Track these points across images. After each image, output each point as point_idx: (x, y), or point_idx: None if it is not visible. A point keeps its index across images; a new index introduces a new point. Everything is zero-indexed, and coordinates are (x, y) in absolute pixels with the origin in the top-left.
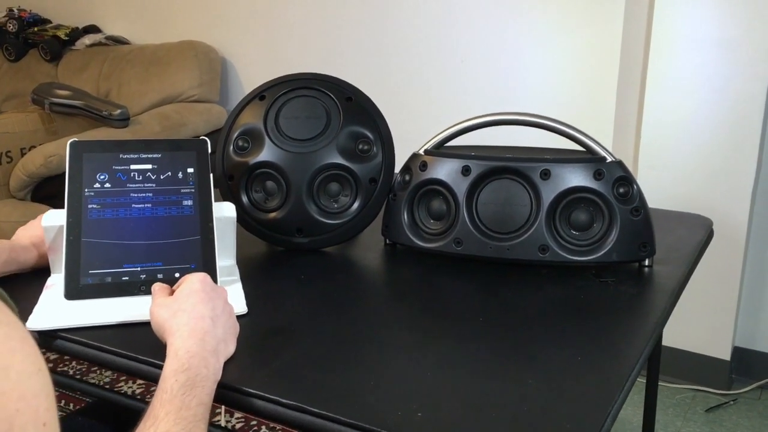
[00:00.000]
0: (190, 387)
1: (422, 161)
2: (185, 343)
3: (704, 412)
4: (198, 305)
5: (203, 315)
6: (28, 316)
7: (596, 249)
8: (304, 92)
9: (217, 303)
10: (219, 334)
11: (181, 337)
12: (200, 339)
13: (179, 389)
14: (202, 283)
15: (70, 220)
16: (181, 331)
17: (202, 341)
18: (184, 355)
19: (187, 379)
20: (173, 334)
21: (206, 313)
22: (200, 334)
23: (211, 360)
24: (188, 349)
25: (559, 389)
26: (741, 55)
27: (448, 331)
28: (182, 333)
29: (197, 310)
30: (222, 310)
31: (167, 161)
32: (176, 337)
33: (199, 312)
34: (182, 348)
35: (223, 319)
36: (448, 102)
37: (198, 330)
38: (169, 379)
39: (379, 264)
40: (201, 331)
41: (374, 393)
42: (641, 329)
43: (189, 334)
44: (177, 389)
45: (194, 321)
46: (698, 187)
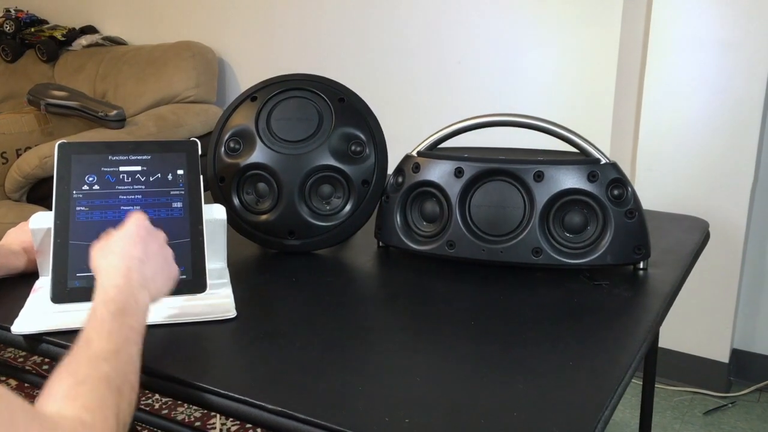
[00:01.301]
0: (121, 314)
1: (415, 163)
2: (112, 280)
3: (702, 414)
4: (127, 247)
5: (132, 255)
6: (15, 320)
7: (590, 252)
8: (296, 93)
9: (150, 245)
10: (147, 273)
11: (108, 275)
12: (126, 276)
13: (109, 316)
14: (136, 226)
15: (57, 222)
16: (108, 270)
17: (128, 278)
18: (112, 289)
19: (117, 309)
20: (101, 273)
21: (135, 254)
22: (126, 271)
23: (140, 295)
24: (115, 284)
25: (550, 394)
26: (739, 56)
27: (439, 334)
28: (109, 272)
29: (126, 251)
30: (155, 252)
31: (157, 163)
32: (103, 276)
33: (127, 253)
34: (109, 284)
35: (155, 260)
36: (445, 103)
37: (123, 268)
38: (99, 309)
39: (371, 267)
40: (127, 269)
41: (362, 398)
42: (635, 333)
43: (115, 272)
44: (107, 317)
45: (121, 260)
46: (696, 189)
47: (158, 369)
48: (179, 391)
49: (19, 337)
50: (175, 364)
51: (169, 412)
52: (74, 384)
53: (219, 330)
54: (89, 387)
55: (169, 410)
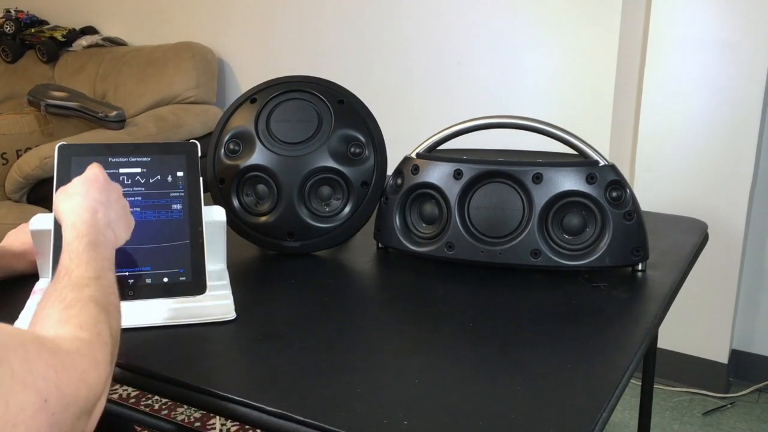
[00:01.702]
0: (95, 246)
1: (414, 165)
2: (80, 217)
3: (701, 415)
4: (90, 190)
5: (95, 198)
6: (14, 322)
7: (589, 253)
8: (295, 95)
9: (110, 193)
10: (111, 215)
11: (76, 213)
12: (93, 215)
13: (84, 248)
14: (95, 173)
15: (57, 224)
16: (75, 209)
17: (95, 217)
18: (82, 225)
19: (90, 241)
20: (68, 213)
21: (98, 197)
22: (92, 212)
23: (107, 232)
24: (84, 221)
25: (548, 396)
26: (738, 56)
27: (438, 336)
28: (77, 210)
29: (89, 194)
30: (115, 200)
31: (157, 165)
32: (71, 215)
33: (91, 195)
34: (78, 221)
35: (115, 206)
36: (445, 104)
37: (90, 209)
38: (73, 243)
39: (370, 268)
40: (93, 210)
41: (361, 400)
42: (633, 335)
43: (82, 211)
44: (83, 249)
45: (87, 201)
46: (695, 190)
47: (158, 371)
48: (178, 392)
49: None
50: (174, 366)
51: (168, 412)
52: (64, 308)
53: (218, 332)
54: (79, 308)
55: (169, 411)
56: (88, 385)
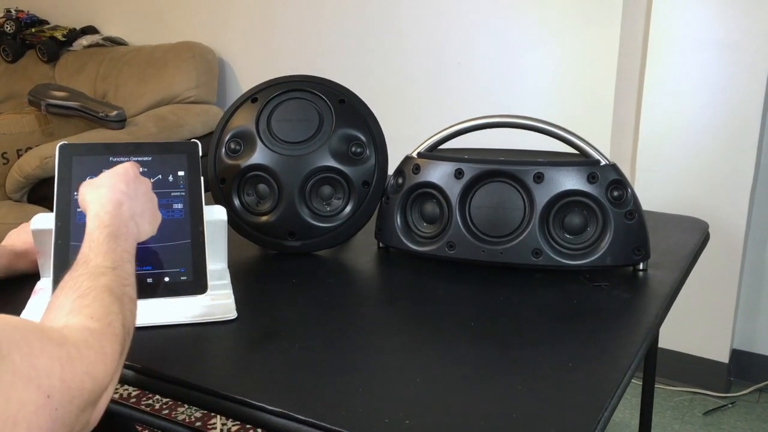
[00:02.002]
0: (115, 238)
1: (415, 164)
2: (104, 208)
3: (702, 415)
4: (118, 183)
5: (121, 190)
6: None
7: (590, 253)
8: (296, 95)
9: (138, 186)
10: (136, 208)
11: (101, 204)
12: (117, 207)
13: (105, 239)
14: (125, 168)
15: (58, 224)
16: (100, 200)
17: (119, 209)
18: (105, 215)
19: (110, 233)
20: (93, 203)
21: (124, 190)
22: (117, 204)
23: (130, 224)
24: (107, 211)
25: (549, 396)
26: (739, 56)
27: (439, 336)
28: (102, 201)
29: (116, 186)
30: (143, 193)
31: (157, 164)
32: (95, 205)
33: (118, 188)
34: (102, 211)
35: (142, 200)
36: (445, 104)
37: (115, 201)
38: (94, 233)
39: (371, 267)
40: (118, 202)
41: (362, 399)
42: (634, 335)
43: (107, 202)
44: (103, 239)
45: (112, 193)
46: (696, 189)
47: (159, 370)
48: (180, 392)
49: None
50: (175, 366)
51: (169, 412)
52: (78, 297)
53: (219, 331)
54: (92, 297)
55: (170, 410)
56: (94, 377)
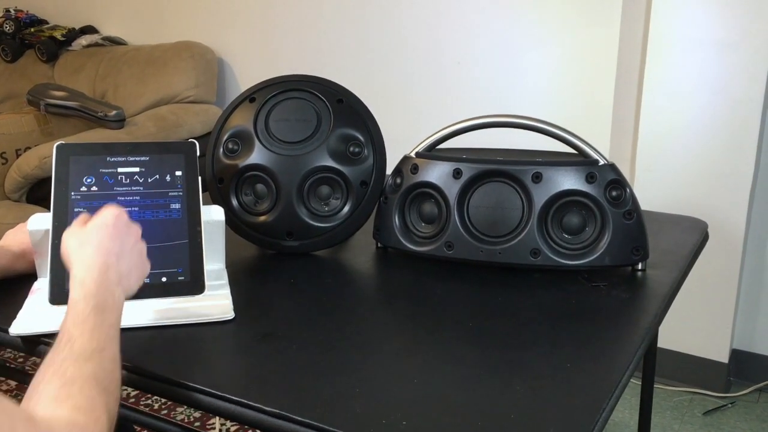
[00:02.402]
0: (101, 311)
1: (413, 164)
2: (90, 273)
3: (702, 415)
4: (105, 240)
5: (109, 250)
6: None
7: (588, 253)
8: (294, 94)
9: (125, 240)
10: (123, 269)
11: (86, 268)
12: (103, 272)
13: (90, 312)
14: (115, 218)
15: (56, 223)
16: (86, 263)
17: (105, 274)
18: (91, 284)
19: (97, 304)
20: (77, 264)
21: (112, 248)
22: (104, 267)
23: (116, 291)
24: (93, 279)
25: (547, 397)
26: (739, 56)
27: (437, 336)
28: (87, 264)
29: (103, 244)
30: (131, 248)
31: (155, 164)
32: (80, 268)
33: (105, 247)
34: (87, 278)
35: (130, 256)
36: (444, 104)
37: (101, 264)
38: (79, 304)
39: (369, 268)
40: (104, 265)
41: (359, 400)
42: (632, 335)
43: (92, 265)
44: (88, 312)
45: (98, 255)
46: (696, 189)
47: (156, 371)
48: (177, 393)
49: (16, 338)
50: (172, 366)
51: (168, 412)
52: (62, 385)
53: (217, 331)
54: (78, 387)
55: (169, 410)
56: None
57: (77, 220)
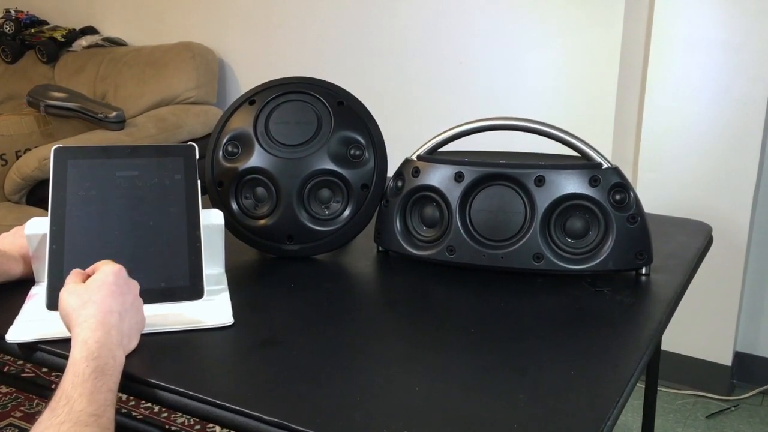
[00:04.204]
0: (101, 373)
1: (415, 167)
2: (93, 334)
3: (705, 418)
4: (107, 298)
5: (111, 309)
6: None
7: (592, 257)
8: (294, 96)
9: (126, 298)
10: (125, 329)
11: (90, 327)
12: (107, 332)
13: (91, 374)
14: (115, 276)
15: (53, 228)
16: (89, 322)
17: (108, 334)
18: (94, 344)
19: (97, 366)
20: (80, 324)
21: (115, 307)
22: (107, 327)
23: (118, 353)
24: (96, 339)
25: (550, 405)
26: (742, 57)
27: (439, 342)
28: (90, 324)
29: (106, 303)
30: (131, 305)
31: (154, 168)
32: (83, 328)
33: (107, 305)
34: (91, 338)
35: (131, 314)
36: (446, 105)
37: (105, 323)
38: (80, 364)
39: (371, 272)
40: (108, 325)
41: (360, 408)
42: (637, 341)
43: (96, 326)
44: (89, 374)
45: (102, 314)
46: (699, 191)
47: (153, 378)
48: (174, 401)
49: (13, 345)
50: (170, 374)
51: (168, 415)
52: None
53: (216, 338)
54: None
55: (169, 413)
56: None
57: (72, 276)
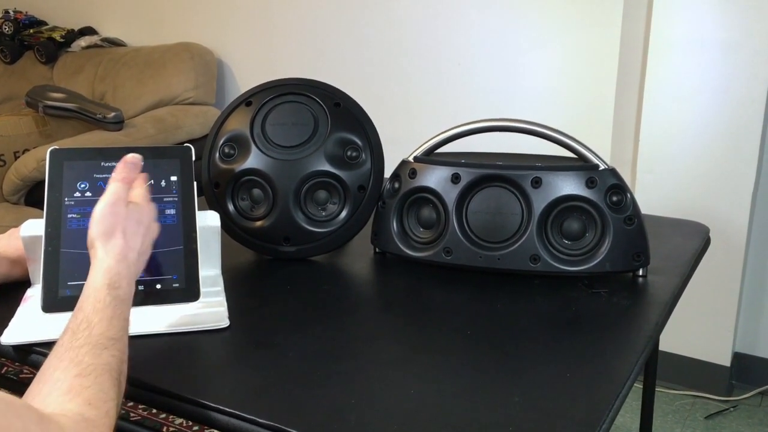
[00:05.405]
0: (121, 301)
1: (411, 168)
2: (117, 266)
3: (704, 418)
4: (135, 237)
5: (134, 248)
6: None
7: (589, 259)
8: (291, 98)
9: (146, 239)
10: (141, 266)
11: (115, 258)
12: (127, 267)
13: (112, 301)
14: (150, 217)
15: (49, 230)
16: (114, 253)
17: (129, 269)
18: (116, 275)
19: (118, 295)
20: (107, 252)
21: (137, 247)
22: (127, 262)
23: (132, 284)
24: (119, 271)
25: (546, 407)
26: (741, 57)
27: (435, 344)
28: (116, 255)
29: (133, 241)
30: (147, 246)
31: (150, 169)
32: (109, 257)
33: (133, 243)
34: (114, 269)
35: (146, 252)
36: (443, 106)
37: (127, 259)
38: (102, 291)
39: (367, 273)
40: (128, 261)
41: (355, 411)
42: (633, 343)
43: (120, 259)
44: (110, 301)
45: (126, 250)
46: (698, 191)
47: (148, 381)
48: (169, 403)
49: (8, 347)
50: (165, 377)
51: (167, 416)
52: (78, 374)
53: (211, 340)
54: (93, 378)
55: (167, 414)
56: None
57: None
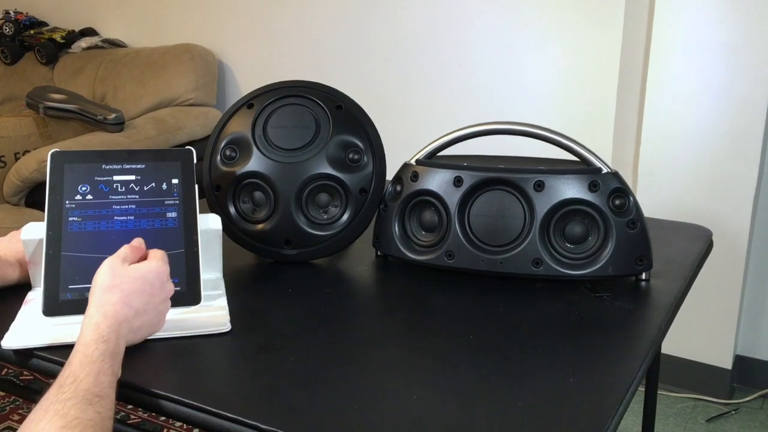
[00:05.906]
0: (110, 356)
1: (413, 171)
2: (106, 320)
3: (705, 421)
4: (134, 294)
5: (132, 305)
6: (5, 334)
7: (591, 263)
8: (292, 100)
9: (152, 299)
10: (135, 325)
11: (104, 313)
12: (119, 322)
13: (99, 356)
14: (156, 276)
15: (50, 233)
16: (105, 308)
17: (120, 325)
18: (105, 329)
19: (107, 349)
20: (98, 306)
21: (137, 305)
22: (120, 318)
23: (122, 342)
24: (108, 325)
25: (548, 413)
26: (743, 59)
27: (437, 349)
28: (106, 310)
29: (131, 298)
30: (153, 307)
31: (151, 172)
32: (99, 312)
33: (130, 300)
34: (103, 323)
35: (149, 315)
36: (445, 109)
37: (120, 314)
38: (91, 346)
39: (369, 277)
40: (122, 317)
41: (356, 417)
42: (637, 348)
43: (112, 314)
44: (98, 356)
45: (121, 306)
46: (699, 194)
47: (148, 386)
48: (169, 408)
49: (9, 351)
50: (167, 381)
51: (167, 419)
52: (63, 427)
53: (212, 344)
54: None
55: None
56: None
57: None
